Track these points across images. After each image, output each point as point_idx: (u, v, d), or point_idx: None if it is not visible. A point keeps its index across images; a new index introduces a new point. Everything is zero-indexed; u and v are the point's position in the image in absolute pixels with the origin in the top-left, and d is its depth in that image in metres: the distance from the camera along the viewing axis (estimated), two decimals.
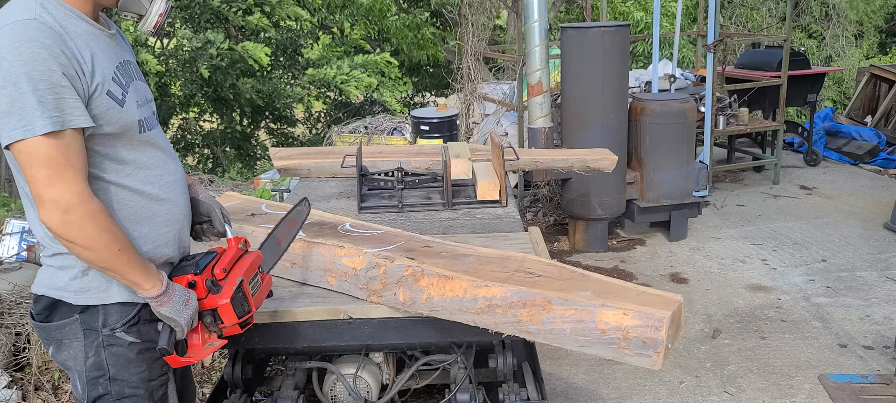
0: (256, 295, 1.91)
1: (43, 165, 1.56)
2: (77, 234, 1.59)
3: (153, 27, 1.84)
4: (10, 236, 4.35)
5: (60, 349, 1.80)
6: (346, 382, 2.43)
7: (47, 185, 1.56)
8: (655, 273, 5.27)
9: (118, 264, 1.65)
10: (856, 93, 9.85)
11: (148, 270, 1.71)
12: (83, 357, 1.77)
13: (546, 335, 1.98)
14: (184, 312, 1.74)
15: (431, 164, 3.66)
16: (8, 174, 6.93)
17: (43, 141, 1.55)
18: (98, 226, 1.61)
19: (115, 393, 1.80)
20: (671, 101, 5.66)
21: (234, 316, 1.80)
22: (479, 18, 7.40)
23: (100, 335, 1.76)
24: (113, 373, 1.78)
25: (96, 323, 1.76)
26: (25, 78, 1.54)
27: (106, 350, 1.77)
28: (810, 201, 6.85)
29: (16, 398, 3.30)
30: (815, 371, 3.85)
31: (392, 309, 2.28)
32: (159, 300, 1.71)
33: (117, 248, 1.64)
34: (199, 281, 1.80)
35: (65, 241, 1.61)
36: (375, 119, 8.13)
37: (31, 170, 1.57)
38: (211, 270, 1.82)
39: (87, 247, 1.61)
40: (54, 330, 1.78)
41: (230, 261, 1.86)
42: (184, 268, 1.85)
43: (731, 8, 11.63)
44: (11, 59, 1.54)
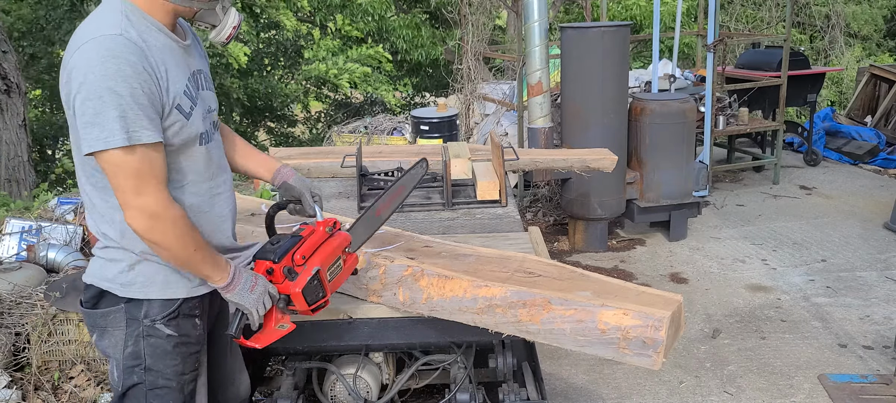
0: (334, 280, 1.99)
1: (128, 176, 1.69)
2: (160, 238, 1.74)
3: (226, 38, 1.93)
4: (10, 236, 4.35)
5: (103, 336, 1.90)
6: (346, 382, 2.43)
7: (134, 194, 1.70)
8: (655, 273, 5.27)
9: (192, 262, 1.80)
10: (856, 93, 9.85)
11: (217, 263, 1.84)
12: (122, 346, 1.87)
13: (546, 335, 1.98)
14: (248, 297, 1.84)
15: (431, 164, 3.66)
16: (8, 174, 6.93)
17: (125, 153, 1.67)
18: (178, 231, 1.75)
19: (148, 383, 1.88)
20: (671, 101, 5.66)
21: (304, 304, 1.89)
22: (479, 18, 7.40)
23: (140, 325, 1.86)
24: (149, 363, 1.87)
25: (138, 314, 1.85)
26: (109, 92, 1.64)
27: (144, 341, 1.86)
28: (810, 201, 6.85)
29: (16, 398, 3.30)
30: (815, 371, 3.85)
31: (392, 309, 2.28)
32: (227, 288, 1.84)
33: (193, 249, 1.79)
34: (277, 269, 1.88)
35: (148, 242, 1.76)
36: (375, 119, 8.13)
37: (117, 178, 1.70)
38: (291, 257, 1.90)
39: (167, 249, 1.76)
40: (100, 317, 1.88)
41: (311, 247, 1.94)
42: (266, 253, 1.92)
43: (732, 8, 11.63)
44: (98, 73, 1.64)
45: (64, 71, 1.71)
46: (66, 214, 4.70)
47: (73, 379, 3.47)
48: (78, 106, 1.67)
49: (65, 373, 3.50)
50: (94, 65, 1.64)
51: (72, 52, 1.70)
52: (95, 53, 1.65)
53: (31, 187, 7.01)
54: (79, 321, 3.47)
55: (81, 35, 1.70)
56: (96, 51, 1.65)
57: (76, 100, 1.67)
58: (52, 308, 3.49)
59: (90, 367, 3.52)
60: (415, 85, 13.48)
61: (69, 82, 1.68)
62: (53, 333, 3.48)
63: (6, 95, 6.82)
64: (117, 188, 1.71)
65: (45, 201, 5.05)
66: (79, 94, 1.66)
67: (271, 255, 1.90)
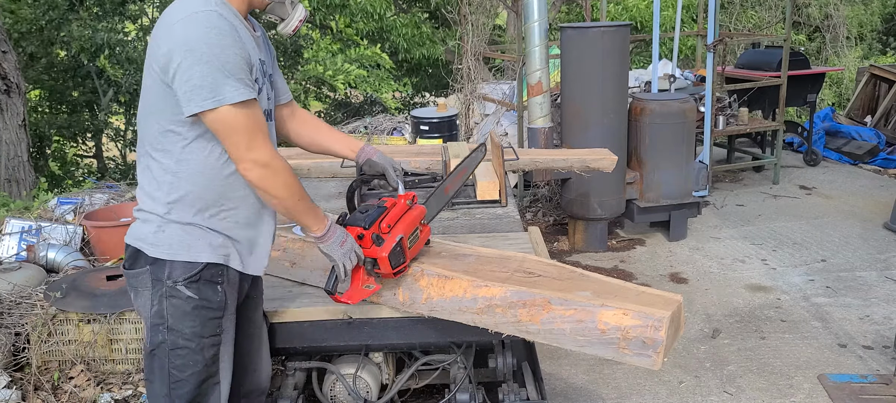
0: (413, 248, 2.21)
1: (239, 132, 1.86)
2: (271, 186, 1.92)
3: (292, 30, 2.14)
4: (10, 236, 4.35)
5: (137, 296, 2.03)
6: (346, 382, 2.43)
7: (246, 148, 1.88)
8: (655, 273, 5.27)
9: (296, 209, 1.97)
10: (855, 93, 9.85)
11: (317, 215, 2.02)
12: (149, 305, 1.99)
13: (546, 335, 1.98)
14: (338, 251, 2.03)
15: (431, 164, 3.66)
16: (7, 174, 6.93)
17: (237, 109, 1.84)
18: (286, 180, 1.94)
19: (170, 342, 1.99)
20: (671, 101, 5.66)
21: (389, 267, 2.10)
22: (479, 18, 7.40)
23: (163, 285, 1.97)
24: (170, 323, 1.98)
25: (162, 275, 1.97)
26: (216, 58, 1.82)
27: (167, 301, 1.98)
28: (810, 201, 6.85)
29: (15, 398, 3.30)
30: (815, 370, 3.85)
31: (392, 309, 2.28)
32: (322, 239, 2.02)
33: (298, 197, 1.97)
34: (367, 235, 2.09)
35: (260, 191, 1.95)
36: (375, 119, 8.13)
37: (232, 135, 1.87)
38: (378, 224, 2.12)
39: (276, 196, 1.94)
40: (133, 277, 2.02)
41: (395, 217, 2.16)
42: (356, 220, 2.13)
43: (732, 8, 11.63)
44: (204, 41, 1.81)
45: (160, 44, 1.86)
46: (66, 214, 4.70)
47: (72, 379, 3.46)
48: (183, 71, 1.82)
49: (65, 373, 3.50)
50: (199, 34, 1.82)
51: (169, 26, 1.86)
52: (197, 25, 1.82)
53: (30, 187, 7.01)
54: (79, 321, 3.47)
55: (176, 13, 1.87)
56: (197, 23, 1.83)
57: (181, 66, 1.82)
58: (51, 308, 3.49)
59: (90, 367, 3.52)
60: (415, 85, 13.48)
61: (171, 52, 1.83)
62: (53, 333, 3.47)
63: (6, 95, 6.82)
64: (233, 145, 1.88)
65: (44, 201, 5.05)
66: (184, 61, 1.81)
67: (362, 222, 2.11)
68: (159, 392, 2.03)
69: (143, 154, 2.01)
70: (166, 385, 2.02)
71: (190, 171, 1.95)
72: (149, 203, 2.00)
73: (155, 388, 2.05)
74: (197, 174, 1.96)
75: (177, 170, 1.95)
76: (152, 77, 1.91)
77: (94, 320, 3.47)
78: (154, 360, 2.02)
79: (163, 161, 1.96)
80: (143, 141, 2.00)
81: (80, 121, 11.27)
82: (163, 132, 1.93)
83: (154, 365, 2.02)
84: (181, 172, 1.95)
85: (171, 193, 1.96)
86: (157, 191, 1.98)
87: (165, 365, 2.01)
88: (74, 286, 3.58)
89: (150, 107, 1.95)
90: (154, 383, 2.04)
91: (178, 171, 1.95)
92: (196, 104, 1.84)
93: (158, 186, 1.97)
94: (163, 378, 2.02)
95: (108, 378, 3.52)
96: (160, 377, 2.02)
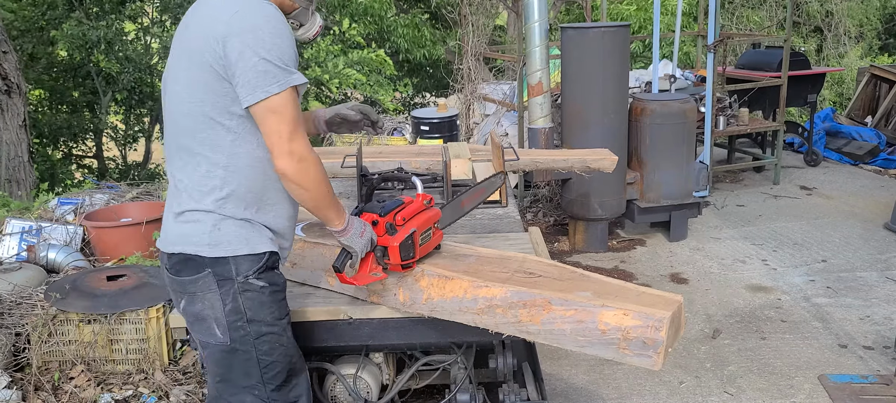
0: (424, 245, 2.23)
1: (287, 122, 1.87)
2: (305, 179, 1.92)
3: (311, 37, 2.21)
4: (10, 236, 4.35)
5: (193, 301, 2.01)
6: (346, 382, 2.43)
7: (288, 140, 1.88)
8: (655, 273, 5.27)
9: (323, 204, 1.99)
10: (856, 94, 9.85)
11: (339, 209, 2.04)
12: (221, 305, 1.99)
13: (546, 335, 1.98)
14: (358, 241, 2.07)
15: (431, 164, 3.65)
16: (8, 174, 6.93)
17: (289, 96, 1.87)
18: (319, 174, 1.95)
19: (253, 332, 2.02)
20: (671, 102, 5.66)
21: (398, 257, 2.13)
22: (479, 18, 7.40)
23: (234, 283, 1.98)
24: (250, 316, 2.01)
25: (230, 273, 1.98)
26: (276, 47, 1.85)
27: (242, 296, 1.99)
28: (810, 201, 6.85)
29: (16, 398, 3.30)
30: (816, 371, 3.85)
31: (392, 309, 2.28)
32: (342, 232, 2.05)
33: (325, 191, 1.99)
34: (381, 222, 2.14)
35: (294, 184, 1.93)
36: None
37: (279, 125, 1.86)
38: (394, 215, 2.16)
39: (308, 189, 1.94)
40: (188, 283, 2.00)
41: (411, 213, 2.21)
42: (373, 208, 2.18)
43: (731, 8, 11.63)
44: (264, 30, 1.84)
45: (215, 33, 1.85)
46: (66, 214, 4.70)
47: (73, 380, 3.46)
48: (244, 59, 1.83)
49: (65, 374, 3.50)
50: (258, 22, 1.84)
51: (222, 15, 1.86)
52: (256, 14, 1.85)
53: (30, 187, 7.01)
54: (79, 321, 3.47)
55: (230, 3, 1.87)
56: (256, 12, 1.86)
57: (243, 54, 1.82)
58: (52, 308, 3.49)
59: (90, 367, 3.52)
60: (415, 85, 13.48)
61: (227, 40, 1.83)
62: (53, 333, 3.47)
63: (6, 95, 6.82)
64: (277, 135, 1.87)
65: (45, 201, 5.05)
66: (245, 49, 1.82)
67: (378, 210, 2.16)
68: (244, 383, 2.07)
69: (184, 150, 1.98)
70: (258, 371, 2.05)
71: (240, 165, 1.95)
72: (197, 202, 1.97)
73: (237, 381, 2.07)
74: (246, 168, 1.96)
75: (227, 164, 1.94)
76: (201, 69, 1.89)
77: (95, 320, 3.47)
78: (235, 355, 2.04)
79: (212, 156, 1.94)
80: (185, 136, 1.97)
81: (80, 122, 11.28)
82: (212, 126, 1.92)
83: (234, 360, 2.04)
84: (231, 166, 1.95)
85: (223, 189, 1.95)
86: (206, 189, 1.96)
87: (252, 355, 2.04)
88: (75, 286, 3.58)
89: (196, 101, 1.92)
90: (234, 377, 2.06)
91: (228, 166, 1.94)
92: (263, 89, 1.84)
93: (208, 183, 1.96)
94: (249, 368, 2.05)
95: (109, 379, 3.52)
96: (245, 368, 2.05)
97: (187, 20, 1.99)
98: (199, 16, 1.94)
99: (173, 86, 1.98)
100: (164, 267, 2.07)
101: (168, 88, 2.02)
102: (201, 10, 1.95)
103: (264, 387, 2.08)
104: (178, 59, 1.97)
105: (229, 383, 2.08)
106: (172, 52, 2.02)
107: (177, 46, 2.00)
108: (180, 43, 1.99)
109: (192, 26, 1.95)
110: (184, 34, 1.98)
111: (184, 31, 1.99)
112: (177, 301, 2.07)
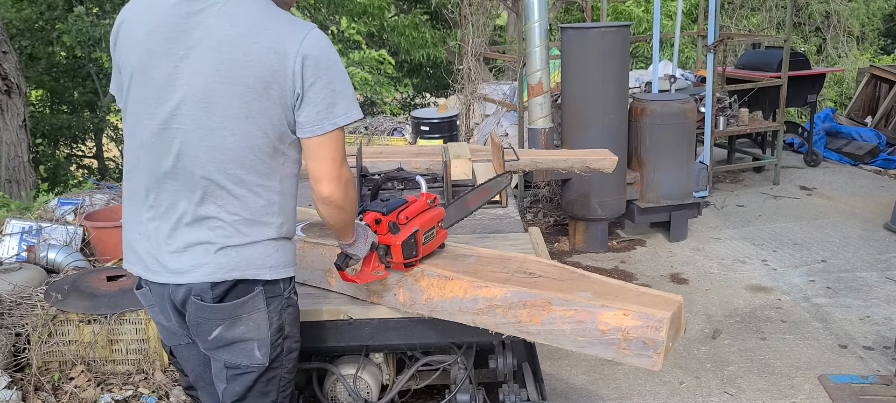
0: (427, 244, 2.26)
1: (339, 148, 1.87)
2: (347, 201, 1.92)
3: None
4: (11, 236, 4.34)
5: (235, 325, 1.90)
6: (346, 383, 2.43)
7: (338, 165, 1.87)
8: (655, 273, 5.27)
9: (348, 224, 2.00)
10: (856, 94, 9.84)
11: (352, 226, 2.04)
12: (267, 324, 1.93)
13: (546, 335, 1.98)
14: (362, 248, 2.09)
15: (432, 165, 3.65)
16: (8, 175, 6.93)
17: (342, 128, 1.86)
18: (354, 196, 1.96)
19: (286, 348, 2.01)
20: (671, 102, 5.66)
21: (401, 255, 2.16)
22: (479, 18, 7.40)
23: (282, 299, 1.96)
24: (288, 332, 2.00)
25: (278, 290, 1.95)
26: (346, 75, 1.86)
27: (285, 312, 1.98)
28: (810, 202, 6.85)
29: (16, 398, 3.30)
30: (816, 371, 3.85)
31: (392, 309, 2.28)
32: (350, 245, 2.07)
33: (353, 211, 2.00)
34: (384, 221, 2.15)
35: (335, 208, 1.91)
36: (375, 119, 8.13)
37: (335, 152, 1.86)
38: (397, 214, 2.18)
39: (345, 211, 1.94)
40: (236, 308, 1.89)
41: (414, 212, 2.23)
42: (377, 206, 2.20)
43: (731, 8, 11.63)
44: (334, 58, 1.84)
45: (288, 59, 1.76)
46: (66, 215, 4.70)
47: (73, 380, 3.46)
48: (321, 87, 1.79)
49: (65, 374, 3.50)
50: (329, 51, 1.82)
51: (297, 41, 1.77)
52: (324, 41, 1.81)
53: (30, 187, 7.01)
54: (79, 321, 3.47)
55: (294, 29, 1.79)
56: (323, 39, 1.82)
57: (318, 81, 1.79)
58: (52, 308, 3.49)
59: (90, 368, 3.52)
60: (415, 85, 13.48)
61: (303, 69, 1.77)
62: (54, 334, 3.47)
63: (6, 96, 6.82)
64: (331, 161, 1.85)
65: (45, 202, 5.05)
66: (323, 76, 1.80)
67: (381, 208, 2.18)
68: (262, 401, 2.00)
69: (231, 176, 1.82)
70: (277, 389, 2.01)
71: (288, 189, 1.93)
72: (255, 230, 1.87)
73: (251, 400, 1.99)
74: (292, 189, 1.95)
75: (281, 189, 1.90)
76: (254, 96, 1.76)
77: (95, 320, 3.47)
78: (270, 374, 1.97)
79: (267, 182, 1.86)
80: (233, 162, 1.80)
81: (80, 122, 11.28)
82: (268, 153, 1.83)
83: (259, 380, 1.96)
84: (285, 191, 1.92)
85: (281, 214, 1.92)
86: (266, 215, 1.88)
87: (279, 373, 2.00)
88: (75, 286, 3.58)
89: (252, 126, 1.78)
90: (250, 396, 1.98)
91: (282, 190, 1.91)
92: (330, 121, 1.82)
93: (266, 209, 1.88)
94: (270, 387, 2.00)
95: (109, 379, 3.52)
96: (265, 388, 1.99)
97: (182, 25, 1.77)
98: (223, 23, 1.75)
99: (197, 110, 1.77)
100: (194, 299, 1.88)
101: (186, 109, 1.78)
102: (214, 19, 1.75)
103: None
104: (226, 85, 1.76)
105: (242, 402, 2.01)
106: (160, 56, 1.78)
107: (184, 53, 1.77)
108: (196, 51, 1.76)
109: (216, 35, 1.75)
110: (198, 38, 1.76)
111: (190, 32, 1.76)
112: (207, 329, 1.91)
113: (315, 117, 1.81)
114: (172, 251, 1.86)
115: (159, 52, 1.79)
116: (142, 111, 1.83)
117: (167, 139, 1.81)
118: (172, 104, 1.78)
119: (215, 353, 1.95)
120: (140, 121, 1.84)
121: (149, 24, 1.81)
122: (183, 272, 1.86)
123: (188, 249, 1.85)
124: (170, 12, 1.79)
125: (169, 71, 1.78)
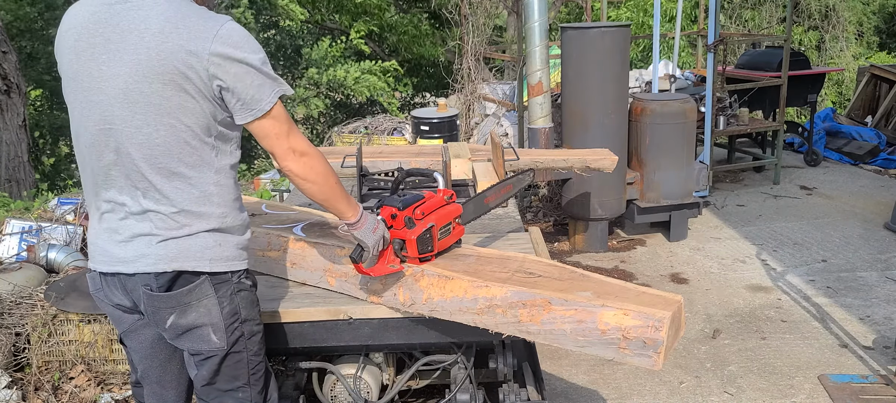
0: (443, 240, 2.27)
1: (282, 121, 1.90)
2: (310, 173, 1.94)
3: None
4: (11, 236, 4.35)
5: (186, 312, 1.95)
6: (346, 383, 2.43)
7: (286, 138, 1.90)
8: (655, 273, 5.27)
9: (333, 195, 2.00)
10: (856, 94, 9.85)
11: (350, 201, 2.04)
12: (219, 309, 1.97)
13: (546, 335, 1.98)
14: (371, 236, 2.07)
15: (431, 164, 3.65)
16: (8, 174, 6.93)
17: (281, 101, 1.91)
18: (322, 166, 1.96)
19: (247, 332, 2.04)
20: (671, 101, 5.66)
21: (416, 251, 2.17)
22: (479, 18, 7.40)
23: (231, 284, 1.99)
24: (244, 315, 2.02)
25: (226, 277, 1.98)
26: (263, 59, 1.87)
27: (237, 296, 2.00)
28: (810, 201, 6.85)
29: (16, 398, 3.30)
30: (816, 371, 3.85)
31: (392, 309, 2.28)
32: (354, 225, 2.05)
33: (334, 182, 1.99)
34: (400, 215, 2.17)
35: (300, 179, 1.94)
36: (375, 119, 8.12)
37: (275, 127, 1.89)
38: (413, 209, 2.19)
39: (315, 182, 1.95)
40: (182, 295, 1.94)
41: (431, 208, 2.24)
42: (393, 201, 2.20)
43: (731, 8, 11.63)
44: (252, 45, 1.86)
45: (201, 56, 1.80)
46: (66, 214, 4.70)
47: (73, 380, 3.47)
48: (242, 75, 1.82)
49: (65, 374, 3.50)
50: (243, 41, 1.84)
51: (208, 38, 1.80)
52: (237, 33, 1.84)
53: (30, 187, 7.00)
54: (79, 321, 3.47)
55: (206, 25, 1.82)
56: (235, 31, 1.84)
57: (238, 72, 1.82)
58: (52, 308, 3.49)
59: (90, 367, 3.52)
60: (415, 85, 13.47)
61: (224, 63, 1.81)
62: (53, 333, 3.47)
63: (6, 95, 6.82)
64: (276, 137, 1.89)
65: (45, 201, 5.05)
66: (241, 66, 1.82)
67: (398, 203, 2.18)
68: (227, 386, 2.05)
69: (163, 170, 1.87)
70: (246, 372, 2.05)
71: (225, 181, 1.95)
72: (194, 221, 1.91)
73: (220, 385, 2.05)
74: (230, 181, 1.97)
75: (217, 180, 1.93)
76: (173, 91, 1.81)
77: (95, 320, 3.47)
78: (227, 359, 2.01)
79: (200, 175, 1.90)
80: (163, 155, 1.86)
81: None
82: (196, 146, 1.87)
83: (224, 365, 2.02)
84: (222, 182, 1.94)
85: (221, 205, 1.94)
86: (202, 206, 1.91)
87: (244, 356, 2.04)
88: (75, 286, 3.58)
89: (174, 121, 1.84)
90: (219, 381, 2.04)
91: (218, 182, 1.93)
92: (269, 100, 1.86)
93: (202, 201, 1.91)
94: (238, 370, 2.04)
95: (109, 379, 3.52)
96: (233, 371, 2.04)
97: (101, 28, 1.83)
98: (138, 25, 1.81)
99: (122, 109, 1.83)
100: (143, 289, 1.94)
101: (113, 109, 1.84)
102: (130, 20, 1.81)
103: (250, 389, 2.07)
104: (121, 77, 1.82)
105: (213, 387, 2.05)
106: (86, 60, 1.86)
107: (105, 56, 1.83)
108: (115, 53, 1.82)
109: (132, 36, 1.81)
110: (115, 40, 1.82)
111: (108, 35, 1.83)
112: (162, 318, 1.96)
113: (246, 104, 1.86)
114: (120, 240, 1.94)
115: (85, 56, 1.87)
116: (80, 114, 1.92)
117: (104, 138, 1.89)
118: (102, 105, 1.86)
119: (178, 342, 2.02)
120: (80, 123, 1.93)
121: (76, 30, 1.89)
122: (128, 261, 1.94)
123: (134, 240, 1.93)
124: (91, 17, 1.87)
125: (94, 73, 1.86)
